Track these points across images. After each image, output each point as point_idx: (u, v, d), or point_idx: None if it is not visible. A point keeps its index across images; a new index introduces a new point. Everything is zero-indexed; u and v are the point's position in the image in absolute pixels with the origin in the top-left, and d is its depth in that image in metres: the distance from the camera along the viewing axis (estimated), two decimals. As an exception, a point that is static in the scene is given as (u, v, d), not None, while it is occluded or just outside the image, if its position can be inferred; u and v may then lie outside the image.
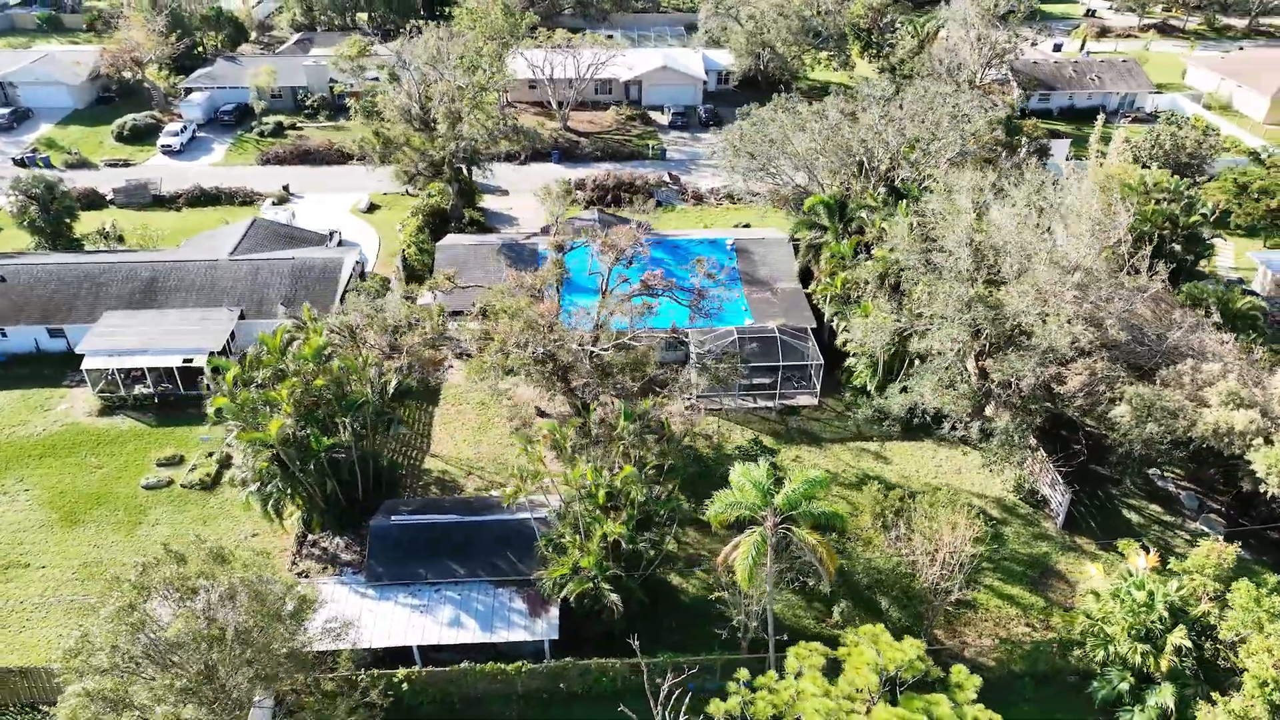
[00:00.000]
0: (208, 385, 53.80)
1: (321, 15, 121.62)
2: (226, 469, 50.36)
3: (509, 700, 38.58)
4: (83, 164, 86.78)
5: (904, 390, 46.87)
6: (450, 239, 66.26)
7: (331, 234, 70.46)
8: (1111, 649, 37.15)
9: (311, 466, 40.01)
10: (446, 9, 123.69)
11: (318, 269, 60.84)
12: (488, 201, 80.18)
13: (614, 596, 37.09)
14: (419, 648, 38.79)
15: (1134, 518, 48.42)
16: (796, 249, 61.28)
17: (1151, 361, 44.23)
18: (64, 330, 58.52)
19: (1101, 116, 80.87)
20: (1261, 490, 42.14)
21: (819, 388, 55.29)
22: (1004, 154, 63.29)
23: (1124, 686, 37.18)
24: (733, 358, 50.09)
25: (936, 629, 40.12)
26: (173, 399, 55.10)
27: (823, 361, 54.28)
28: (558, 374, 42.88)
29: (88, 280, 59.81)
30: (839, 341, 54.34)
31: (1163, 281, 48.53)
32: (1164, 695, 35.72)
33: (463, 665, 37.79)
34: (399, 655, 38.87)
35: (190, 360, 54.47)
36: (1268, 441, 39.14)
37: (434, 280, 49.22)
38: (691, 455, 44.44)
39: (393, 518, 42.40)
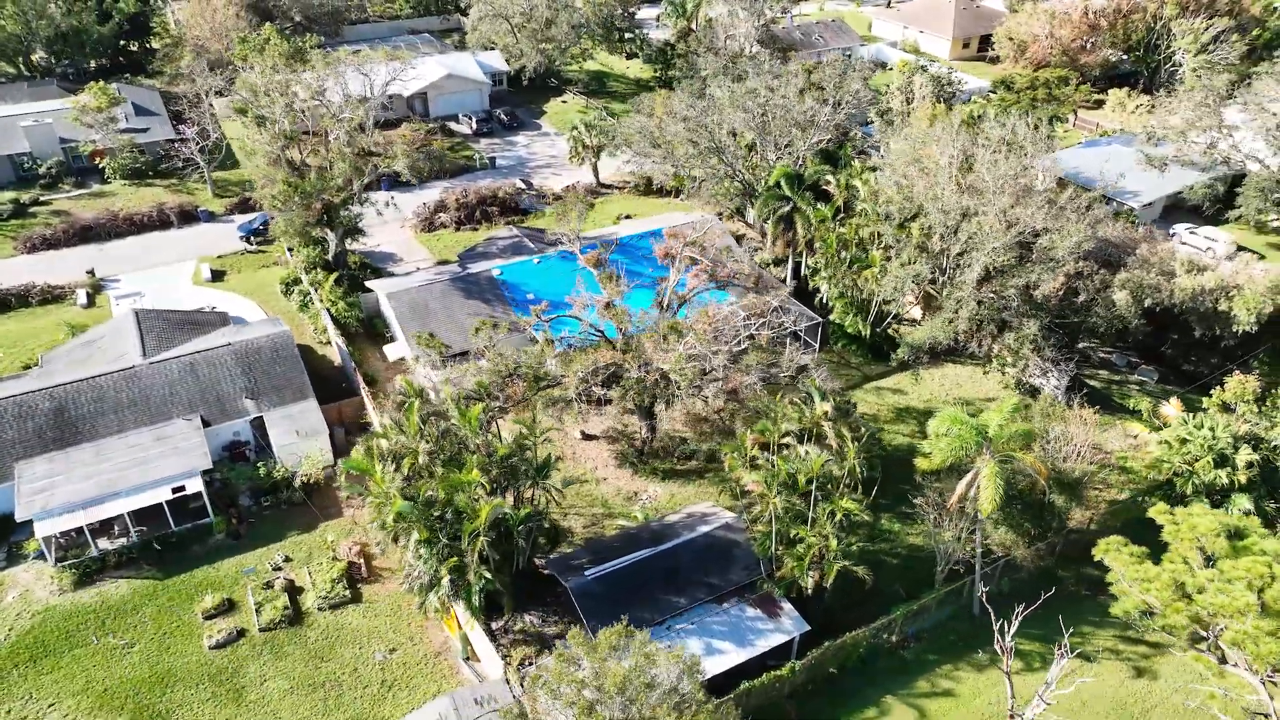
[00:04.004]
0: (231, 517, 45.72)
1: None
2: (299, 594, 42.96)
3: (779, 705, 38.55)
4: None
5: (947, 321, 52.37)
6: (391, 284, 60.12)
7: (214, 311, 60.26)
8: (1195, 480, 46.06)
9: (522, 543, 36.06)
10: (142, 42, 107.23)
11: (266, 350, 52.34)
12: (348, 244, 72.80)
13: (860, 569, 38.54)
14: (686, 688, 37.23)
15: (1095, 383, 58.98)
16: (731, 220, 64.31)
17: (1107, 254, 54.12)
18: (-44, 503, 44.90)
19: (898, 65, 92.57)
20: (1200, 336, 54.32)
21: (817, 344, 59.41)
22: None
23: (1165, 507, 46.33)
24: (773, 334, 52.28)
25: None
26: (174, 539, 45.06)
27: (821, 320, 58.42)
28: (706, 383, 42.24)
29: (-34, 431, 46.15)
30: (827, 296, 58.81)
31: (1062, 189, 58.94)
32: (1241, 503, 45.30)
33: (742, 686, 37.06)
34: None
35: (181, 488, 44.87)
36: (1230, 296, 50.34)
37: (485, 323, 45.24)
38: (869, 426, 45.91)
39: (586, 573, 39.61)
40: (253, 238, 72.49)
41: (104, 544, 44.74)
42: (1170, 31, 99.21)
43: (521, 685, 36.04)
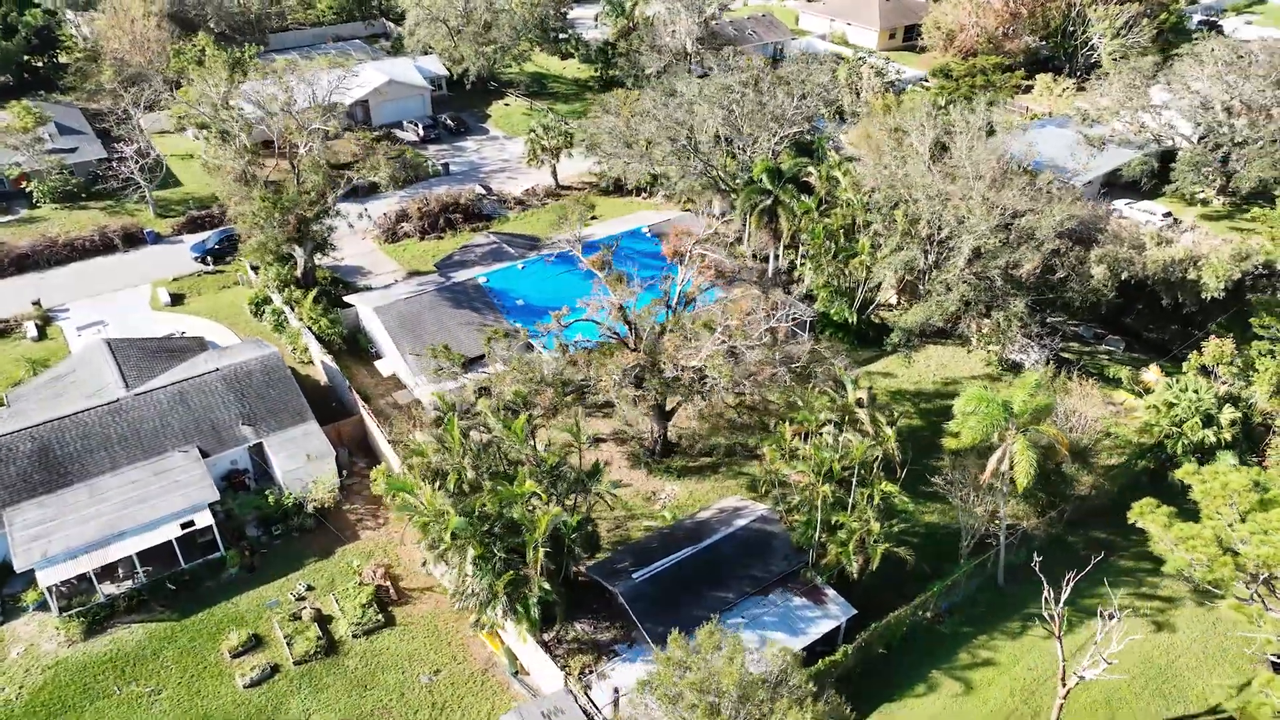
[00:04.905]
0: (242, 549, 43.87)
1: None
2: (329, 623, 41.51)
3: (834, 690, 39.10)
4: None
5: (938, 304, 53.89)
6: (373, 298, 58.55)
7: (187, 337, 57.60)
8: (1184, 440, 48.65)
9: (579, 550, 35.66)
10: (50, 57, 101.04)
11: (257, 374, 50.24)
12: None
13: (901, 550, 39.51)
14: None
15: (1069, 356, 61.58)
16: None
17: (1079, 231, 56.61)
18: (-62, 557, 41.79)
19: (847, 57, 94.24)
20: (1166, 305, 57.37)
21: (806, 334, 60.38)
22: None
23: (1193, 467, 49.07)
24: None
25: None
26: (187, 577, 42.91)
27: (816, 311, 59.38)
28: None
29: (-58, 479, 42.95)
30: (812, 286, 59.82)
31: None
32: (1227, 459, 48.04)
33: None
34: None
35: (190, 523, 42.79)
36: (1198, 266, 53.33)
37: (496, 332, 44.51)
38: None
39: (634, 576, 39.42)
40: (208, 257, 69.42)
41: (109, 588, 42.31)
42: (1086, 18, 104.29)
43: (587, 695, 35.69)
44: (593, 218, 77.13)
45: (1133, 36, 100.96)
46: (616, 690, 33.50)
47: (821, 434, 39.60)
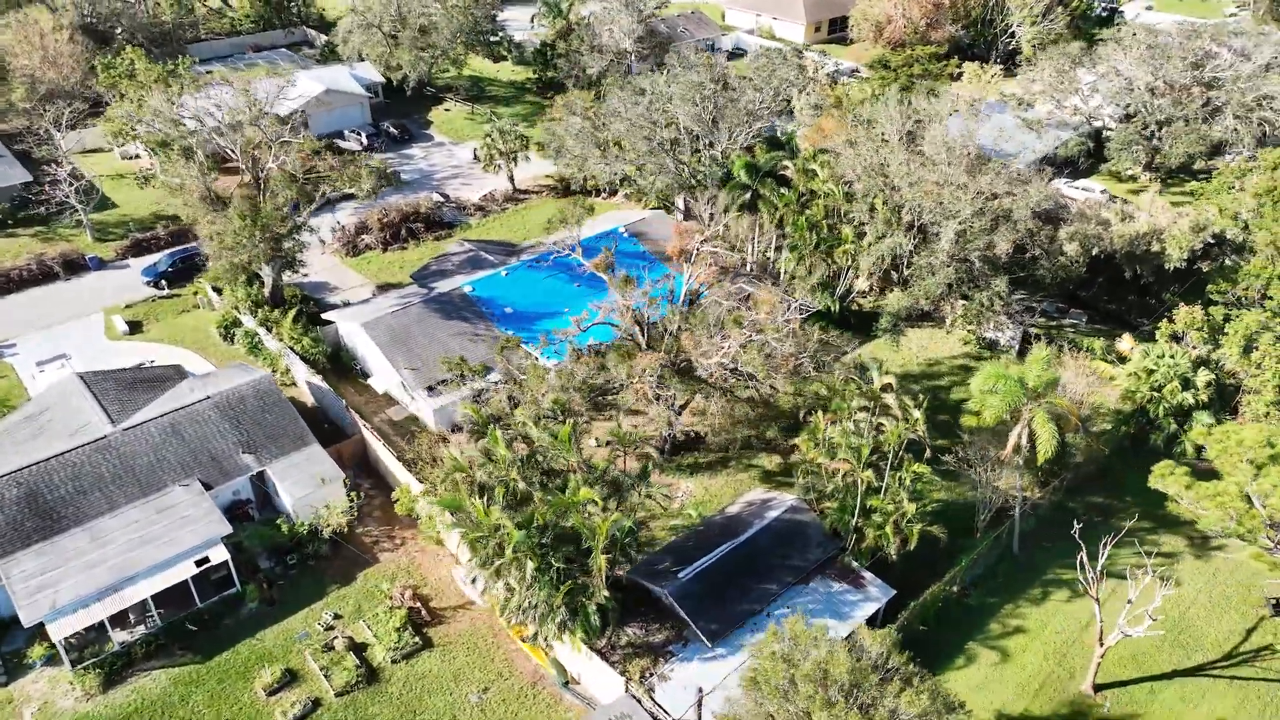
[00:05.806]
0: (260, 582, 42.14)
1: None
2: (364, 651, 40.16)
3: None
4: None
5: (923, 287, 55.46)
6: (354, 313, 56.64)
7: (158, 366, 54.73)
8: (1163, 404, 51.36)
9: (634, 554, 35.43)
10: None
11: (250, 398, 48.14)
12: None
13: (935, 528, 40.61)
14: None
15: (1035, 330, 64.21)
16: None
17: (1046, 211, 59.04)
18: (-69, 619, 38.75)
19: (790, 48, 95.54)
20: (1129, 277, 60.40)
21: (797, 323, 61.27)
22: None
23: (1173, 428, 51.93)
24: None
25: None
26: (205, 616, 40.85)
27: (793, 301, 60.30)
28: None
29: (-75, 535, 39.79)
30: (795, 277, 60.78)
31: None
32: (1204, 419, 51.01)
33: (853, 658, 38.13)
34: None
35: (205, 560, 40.79)
36: (1161, 239, 56.31)
37: (511, 340, 43.74)
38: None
39: (680, 576, 39.40)
40: (162, 281, 66.09)
41: (121, 636, 39.97)
42: (1005, 7, 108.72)
43: (651, 697, 35.53)
44: (563, 221, 76.61)
45: (1048, 24, 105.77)
46: (700, 690, 33.47)
47: (845, 421, 40.30)
